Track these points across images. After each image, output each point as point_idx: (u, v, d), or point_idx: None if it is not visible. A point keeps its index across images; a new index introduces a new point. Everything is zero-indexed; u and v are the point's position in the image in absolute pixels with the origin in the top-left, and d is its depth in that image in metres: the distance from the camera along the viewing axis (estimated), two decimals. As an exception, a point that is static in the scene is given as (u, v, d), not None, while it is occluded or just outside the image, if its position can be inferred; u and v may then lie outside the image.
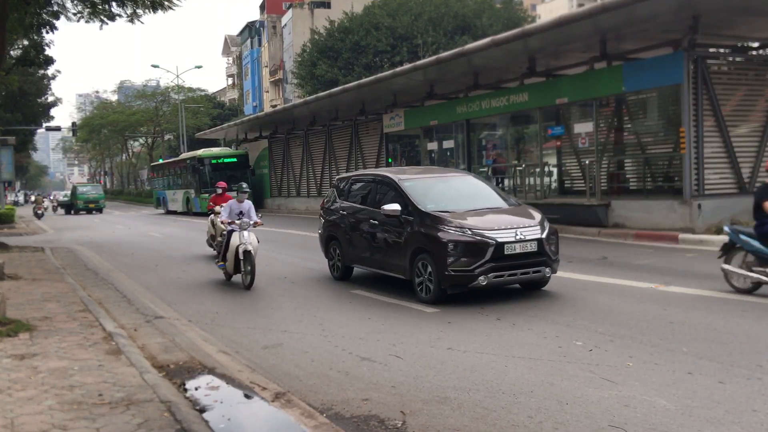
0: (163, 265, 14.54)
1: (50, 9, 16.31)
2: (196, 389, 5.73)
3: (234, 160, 35.81)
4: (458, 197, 9.72)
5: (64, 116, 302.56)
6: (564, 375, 5.69)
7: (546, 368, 5.91)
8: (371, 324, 7.98)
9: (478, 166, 22.15)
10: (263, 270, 12.08)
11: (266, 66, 74.43)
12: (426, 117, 24.35)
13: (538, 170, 19.38)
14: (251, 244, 10.80)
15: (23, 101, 37.62)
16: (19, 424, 4.59)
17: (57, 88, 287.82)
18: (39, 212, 41.48)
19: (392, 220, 9.43)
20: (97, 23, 15.06)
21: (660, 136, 16.45)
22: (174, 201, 39.81)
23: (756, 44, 16.55)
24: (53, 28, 17.23)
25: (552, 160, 19.93)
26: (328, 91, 27.91)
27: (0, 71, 17.96)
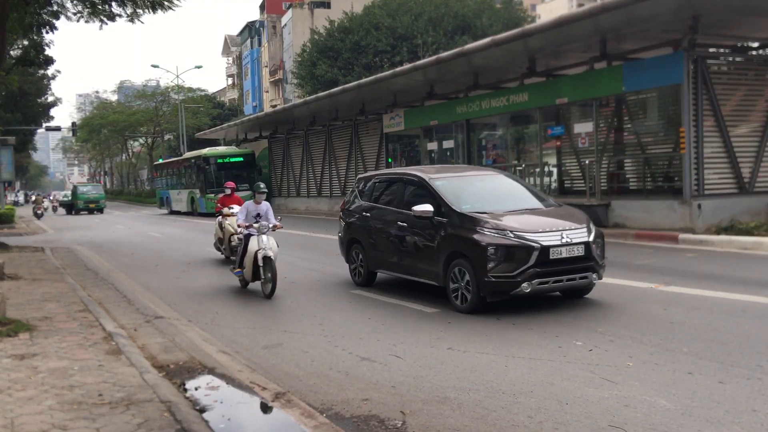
0: (163, 265, 14.54)
1: (50, 9, 16.33)
2: (196, 389, 5.73)
3: (240, 160, 35.17)
4: (494, 197, 9.06)
5: (64, 116, 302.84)
6: (564, 375, 5.69)
7: (546, 368, 5.91)
8: (371, 324, 7.98)
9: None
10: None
11: (266, 66, 74.47)
12: (426, 117, 24.36)
13: (538, 170, 19.40)
14: (271, 249, 9.93)
15: (23, 101, 37.62)
16: (19, 424, 4.59)
17: (57, 88, 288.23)
18: (39, 212, 41.61)
19: (423, 223, 8.78)
20: (97, 23, 15.10)
21: (660, 136, 16.45)
22: (178, 201, 39.33)
23: (756, 44, 16.57)
24: (53, 28, 17.28)
25: (552, 160, 19.93)
26: (328, 91, 27.92)
27: (0, 71, 17.96)
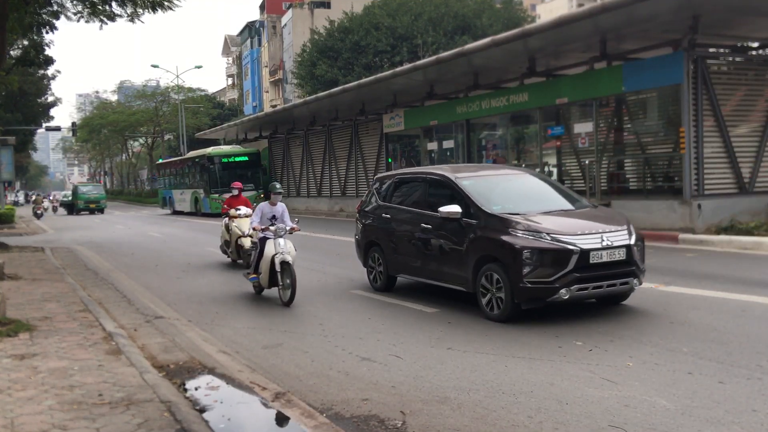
0: (164, 265, 14.54)
1: (50, 9, 16.32)
2: (196, 389, 5.73)
3: (245, 159, 34.63)
4: (524, 197, 8.60)
5: (64, 116, 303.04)
6: (564, 375, 5.69)
7: (546, 368, 5.91)
8: (371, 324, 7.98)
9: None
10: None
11: (266, 66, 74.46)
12: (426, 117, 24.36)
13: (538, 170, 19.40)
14: (290, 254, 9.31)
15: (23, 101, 37.61)
16: (19, 424, 4.59)
17: (57, 88, 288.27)
18: (38, 212, 41.67)
19: (450, 225, 8.30)
20: (97, 23, 15.10)
21: (660, 136, 16.45)
22: (181, 201, 38.90)
23: (756, 44, 16.57)
24: (53, 28, 17.27)
25: (552, 160, 19.93)
26: (328, 91, 27.91)
27: (0, 71, 17.97)
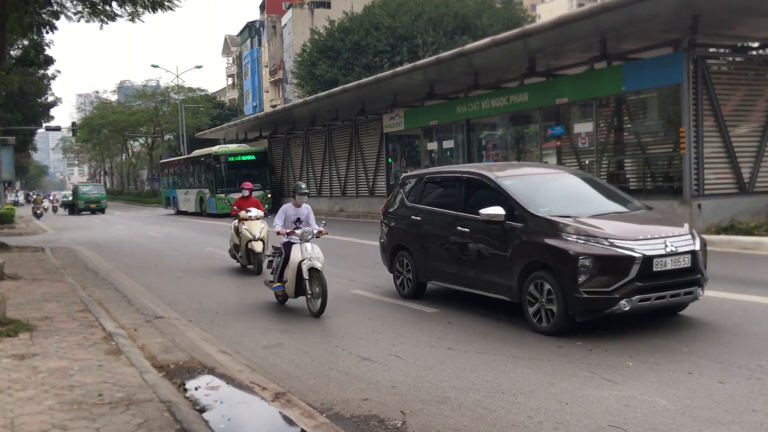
0: (163, 265, 14.54)
1: (50, 9, 16.30)
2: (196, 389, 5.73)
3: (252, 158, 33.94)
4: (572, 199, 8.02)
5: (64, 116, 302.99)
6: (564, 375, 5.70)
7: (546, 368, 5.91)
8: (371, 324, 7.98)
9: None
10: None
11: (266, 66, 74.47)
12: (426, 117, 24.35)
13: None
14: (318, 260, 8.65)
15: (23, 101, 37.59)
16: (19, 424, 4.59)
17: (57, 88, 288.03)
18: (38, 212, 41.71)
19: (491, 228, 7.67)
20: (97, 23, 15.09)
21: (660, 136, 16.44)
22: (186, 201, 38.20)
23: (756, 44, 16.57)
24: (53, 28, 17.23)
25: (552, 160, 19.90)
26: (328, 91, 27.91)
27: (0, 71, 17.96)
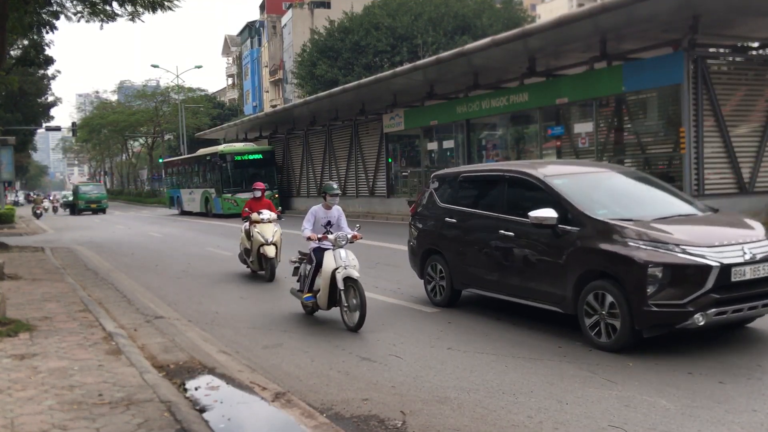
0: (163, 265, 14.54)
1: (50, 9, 16.29)
2: (196, 389, 5.73)
3: (259, 157, 33.21)
4: (632, 199, 7.32)
5: (64, 116, 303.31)
6: (564, 375, 5.70)
7: (546, 368, 5.91)
8: (371, 324, 7.98)
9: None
10: (263, 270, 12.05)
11: (266, 66, 74.47)
12: (426, 117, 24.36)
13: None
14: (354, 267, 7.73)
15: (23, 101, 37.56)
16: (19, 424, 4.59)
17: (57, 88, 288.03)
18: (38, 212, 41.72)
19: (541, 232, 6.99)
20: (97, 23, 15.09)
21: (660, 136, 16.46)
22: (190, 201, 37.56)
23: (756, 44, 16.58)
24: (53, 28, 17.21)
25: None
26: (328, 91, 27.93)
27: (0, 71, 17.96)
